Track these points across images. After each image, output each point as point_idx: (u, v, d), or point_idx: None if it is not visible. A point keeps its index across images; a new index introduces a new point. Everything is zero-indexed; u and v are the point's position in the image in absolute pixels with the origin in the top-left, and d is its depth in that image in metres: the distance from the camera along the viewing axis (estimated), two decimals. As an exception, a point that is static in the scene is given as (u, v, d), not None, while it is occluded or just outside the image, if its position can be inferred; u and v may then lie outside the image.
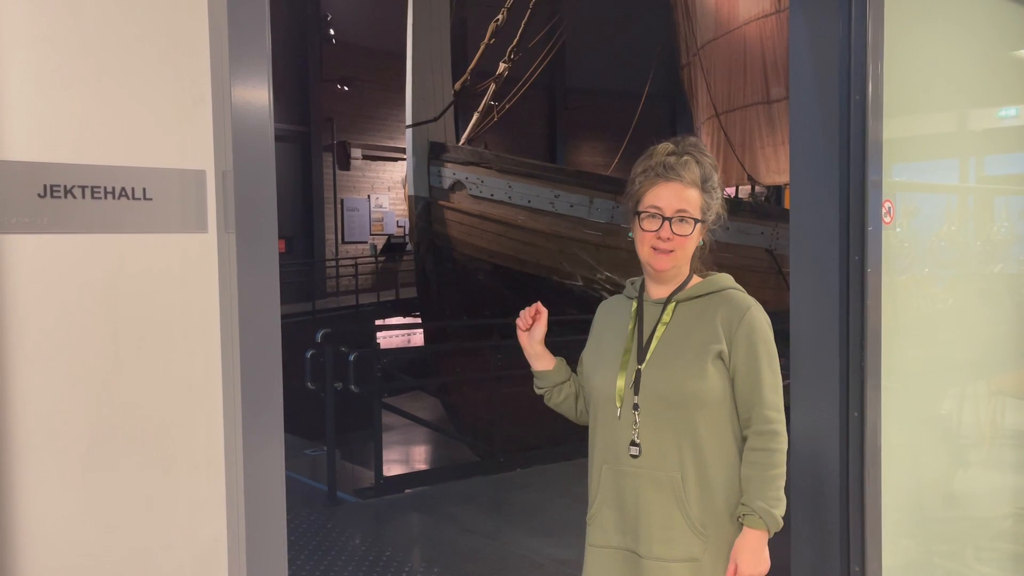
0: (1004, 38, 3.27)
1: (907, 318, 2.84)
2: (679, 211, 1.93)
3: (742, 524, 1.90)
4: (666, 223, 1.93)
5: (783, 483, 1.92)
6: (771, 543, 1.93)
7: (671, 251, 1.94)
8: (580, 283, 10.65)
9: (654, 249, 1.95)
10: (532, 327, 2.10)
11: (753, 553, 1.88)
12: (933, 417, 3.14)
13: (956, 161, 3.22)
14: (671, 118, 22.21)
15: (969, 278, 3.27)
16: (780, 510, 1.90)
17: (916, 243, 2.94)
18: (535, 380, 2.15)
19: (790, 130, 2.74)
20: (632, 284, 2.10)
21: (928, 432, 3.10)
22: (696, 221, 1.95)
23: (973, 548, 3.30)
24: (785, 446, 1.94)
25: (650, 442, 1.92)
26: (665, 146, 2.00)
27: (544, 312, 2.09)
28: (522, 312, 2.10)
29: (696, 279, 2.03)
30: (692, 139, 2.04)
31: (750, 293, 2.04)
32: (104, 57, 1.42)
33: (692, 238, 1.96)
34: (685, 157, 1.97)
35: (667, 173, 1.95)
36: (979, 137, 3.30)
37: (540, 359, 2.12)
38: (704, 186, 1.97)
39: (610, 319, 2.10)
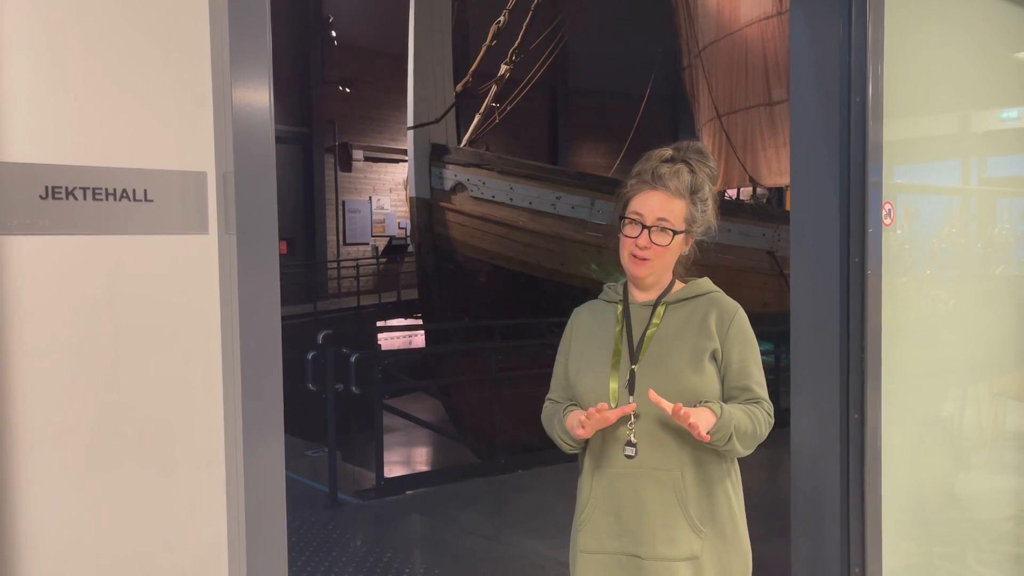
0: (1005, 40, 3.27)
1: (908, 320, 2.84)
2: (660, 220, 1.94)
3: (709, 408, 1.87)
4: (645, 231, 1.94)
5: (751, 436, 1.90)
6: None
7: (648, 259, 1.95)
8: (581, 285, 10.65)
9: (632, 256, 1.96)
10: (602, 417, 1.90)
11: (706, 415, 1.83)
12: (934, 419, 3.14)
13: (957, 163, 3.22)
14: (673, 120, 22.22)
15: (970, 280, 3.27)
16: (734, 440, 1.86)
17: (917, 245, 2.93)
18: (576, 444, 2.01)
19: (790, 131, 2.74)
20: (612, 288, 2.10)
21: (929, 434, 3.10)
22: (675, 232, 1.95)
23: (974, 550, 3.30)
24: (766, 429, 1.94)
25: (648, 442, 1.92)
26: (662, 152, 2.00)
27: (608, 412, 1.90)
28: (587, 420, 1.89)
29: (679, 284, 2.05)
30: (696, 145, 2.03)
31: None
32: (105, 59, 1.42)
33: (671, 249, 1.96)
34: (678, 165, 1.97)
35: (654, 182, 1.95)
36: (980, 139, 3.30)
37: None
38: (692, 197, 1.97)
39: (591, 324, 2.08)
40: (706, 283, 2.05)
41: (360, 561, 4.60)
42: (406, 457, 9.79)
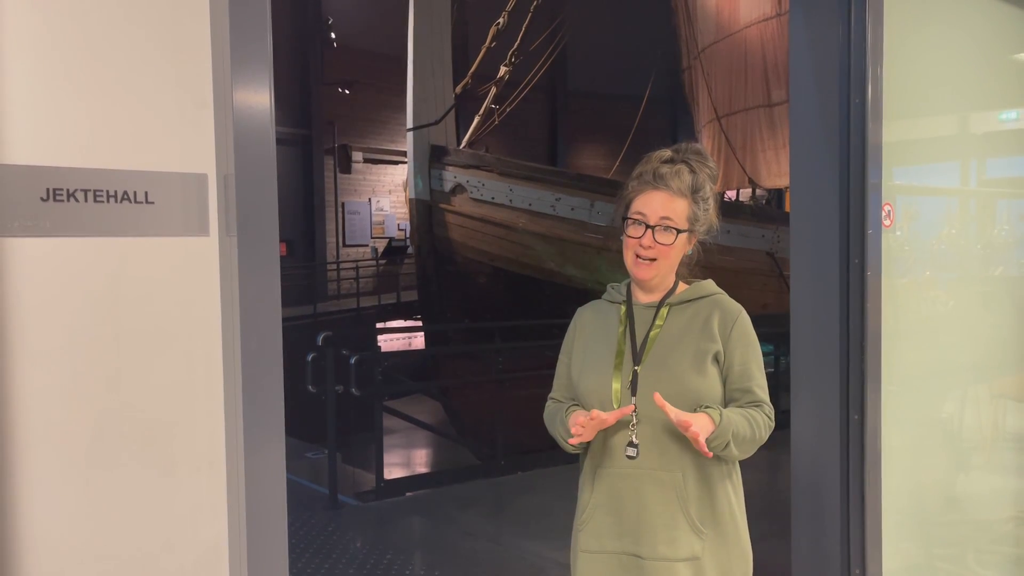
0: (1004, 41, 3.28)
1: (907, 321, 2.85)
2: (663, 219, 1.94)
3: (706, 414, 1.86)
4: (649, 231, 1.94)
5: (749, 441, 1.90)
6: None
7: (653, 259, 1.95)
8: (581, 286, 10.66)
9: (637, 256, 1.97)
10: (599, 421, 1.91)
11: (704, 422, 1.83)
12: (934, 420, 3.14)
13: (956, 164, 3.22)
14: (672, 121, 22.22)
15: (969, 281, 3.28)
16: (731, 447, 1.86)
17: (916, 246, 2.94)
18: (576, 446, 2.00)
19: (790, 133, 2.75)
20: (615, 289, 2.10)
21: (929, 435, 3.10)
22: (679, 231, 1.96)
23: (974, 551, 3.30)
24: (766, 432, 1.94)
25: (650, 442, 1.93)
26: (661, 153, 2.01)
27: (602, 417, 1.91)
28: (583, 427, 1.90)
29: (682, 285, 2.05)
30: (696, 147, 2.04)
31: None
32: (107, 61, 1.42)
33: (675, 248, 1.97)
34: (679, 166, 1.98)
35: (656, 182, 1.96)
36: (979, 140, 3.30)
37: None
38: (694, 196, 1.98)
39: (595, 324, 2.08)
40: (710, 285, 2.05)
41: (360, 563, 4.60)
42: (406, 459, 9.78)
